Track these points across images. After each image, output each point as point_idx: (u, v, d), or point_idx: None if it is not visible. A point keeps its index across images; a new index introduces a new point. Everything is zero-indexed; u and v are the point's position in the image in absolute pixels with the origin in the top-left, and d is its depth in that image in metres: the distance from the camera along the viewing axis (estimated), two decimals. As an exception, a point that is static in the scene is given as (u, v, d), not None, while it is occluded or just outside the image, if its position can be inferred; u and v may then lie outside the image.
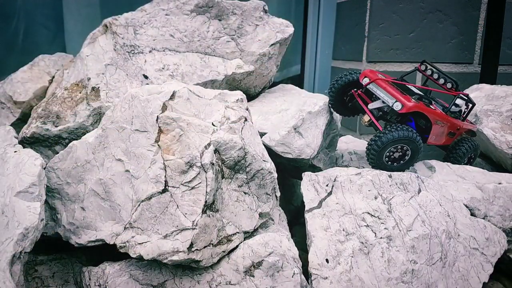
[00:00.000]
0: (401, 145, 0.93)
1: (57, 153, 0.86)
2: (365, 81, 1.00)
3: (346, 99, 1.08)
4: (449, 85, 1.04)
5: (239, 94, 0.88)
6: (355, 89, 1.05)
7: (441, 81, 1.06)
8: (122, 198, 0.79)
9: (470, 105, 1.07)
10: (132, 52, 1.03)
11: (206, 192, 0.75)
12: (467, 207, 0.95)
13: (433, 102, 1.03)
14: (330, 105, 1.09)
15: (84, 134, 0.92)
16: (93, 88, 0.99)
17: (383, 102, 0.97)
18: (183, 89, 0.81)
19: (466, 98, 1.04)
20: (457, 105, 1.02)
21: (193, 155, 0.75)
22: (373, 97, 1.01)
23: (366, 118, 1.01)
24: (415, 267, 0.82)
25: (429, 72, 1.08)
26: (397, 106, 0.92)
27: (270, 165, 0.85)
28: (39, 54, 1.19)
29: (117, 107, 0.83)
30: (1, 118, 1.10)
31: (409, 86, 1.04)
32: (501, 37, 1.51)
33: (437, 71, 1.07)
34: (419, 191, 0.93)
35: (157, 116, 0.78)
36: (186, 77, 1.03)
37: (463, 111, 1.09)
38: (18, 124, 1.08)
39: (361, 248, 0.82)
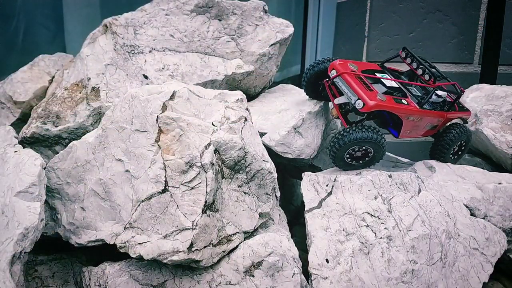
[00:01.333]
0: (363, 146, 0.91)
1: (57, 153, 0.86)
2: (332, 74, 0.94)
3: (320, 88, 1.03)
4: (426, 77, 0.99)
5: (239, 94, 0.88)
6: (327, 79, 0.98)
7: (420, 71, 1.00)
8: (122, 198, 0.79)
9: (457, 95, 1.02)
10: (132, 52, 1.03)
11: (206, 192, 0.75)
12: (467, 207, 0.95)
13: (408, 95, 0.96)
14: (304, 90, 1.05)
15: (84, 134, 0.92)
16: (93, 88, 0.99)
17: (348, 98, 0.92)
18: (183, 89, 0.81)
19: (451, 90, 0.98)
20: (439, 96, 0.97)
21: (193, 155, 0.75)
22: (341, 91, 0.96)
23: (334, 112, 0.97)
24: (415, 267, 0.82)
25: (409, 60, 1.02)
26: (359, 104, 0.88)
27: (270, 165, 0.85)
28: (39, 54, 1.19)
29: (117, 107, 0.83)
30: (1, 118, 1.10)
31: (383, 80, 0.98)
32: (501, 37, 1.51)
33: (416, 60, 1.00)
34: (419, 191, 0.93)
35: (157, 116, 0.78)
36: (186, 77, 1.03)
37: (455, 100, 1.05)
38: (18, 124, 1.08)
39: (361, 248, 0.82)
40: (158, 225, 0.75)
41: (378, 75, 0.98)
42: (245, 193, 0.83)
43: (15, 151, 0.80)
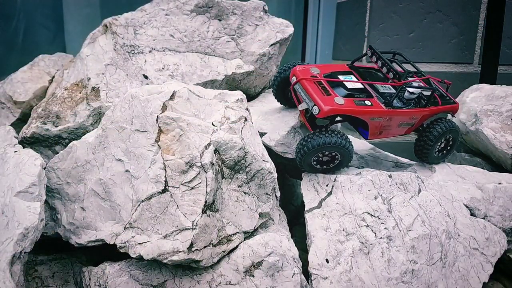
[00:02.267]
0: (329, 151, 0.89)
1: (57, 153, 0.86)
2: (293, 80, 0.92)
3: (289, 95, 1.02)
4: (391, 75, 0.95)
5: (239, 94, 0.88)
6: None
7: (384, 70, 0.96)
8: (122, 198, 0.79)
9: (435, 89, 0.97)
10: (132, 52, 1.03)
11: (206, 192, 0.75)
12: (467, 207, 0.95)
13: (374, 95, 0.92)
14: (274, 96, 1.04)
15: (84, 134, 0.92)
16: (93, 88, 0.99)
17: (306, 104, 0.89)
18: (183, 89, 0.81)
19: (422, 86, 0.94)
20: (411, 93, 0.93)
21: (193, 155, 0.75)
22: None
23: (301, 118, 0.96)
24: (415, 267, 0.82)
25: (374, 59, 0.98)
26: (315, 111, 0.86)
27: (270, 165, 0.85)
28: (39, 54, 1.19)
29: (117, 107, 0.83)
30: (1, 118, 1.10)
31: (345, 82, 0.94)
32: (501, 37, 1.51)
33: (381, 58, 0.96)
34: (419, 191, 0.93)
35: (157, 116, 0.78)
36: (186, 77, 1.03)
37: (441, 93, 1.01)
38: (18, 124, 1.08)
39: (361, 248, 0.82)
40: (158, 225, 0.75)
41: (341, 77, 0.95)
42: (245, 193, 0.83)
43: (15, 151, 0.80)
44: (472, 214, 0.94)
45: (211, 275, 0.77)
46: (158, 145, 0.77)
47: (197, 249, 0.73)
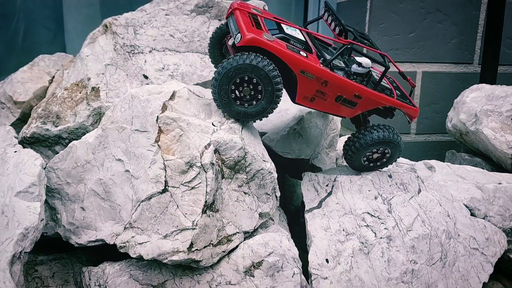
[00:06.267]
0: (247, 76, 0.74)
1: (57, 153, 0.86)
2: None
3: (224, 51, 0.92)
4: (337, 30, 0.82)
5: (239, 94, 0.87)
6: (228, 36, 0.88)
7: (332, 25, 0.83)
8: (122, 198, 0.79)
9: (384, 68, 0.81)
10: (132, 52, 1.03)
11: (206, 192, 0.75)
12: (467, 207, 0.95)
13: (314, 52, 0.80)
14: (211, 61, 0.94)
15: (84, 134, 0.92)
16: (93, 88, 0.99)
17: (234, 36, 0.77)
18: (183, 89, 0.81)
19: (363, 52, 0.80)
20: (360, 65, 0.80)
21: (193, 155, 0.75)
22: None
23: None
24: (415, 267, 0.82)
25: (326, 16, 0.87)
26: (237, 39, 0.73)
27: (270, 165, 0.85)
28: (39, 54, 1.19)
29: (117, 107, 0.83)
30: (1, 118, 1.10)
31: (284, 27, 0.82)
32: (501, 37, 1.52)
33: (331, 13, 0.84)
34: (419, 191, 0.93)
35: (157, 116, 0.78)
36: (186, 77, 1.03)
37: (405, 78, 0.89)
38: (18, 124, 1.08)
39: (361, 248, 0.82)
40: (158, 225, 0.75)
41: (284, 26, 0.82)
42: (245, 193, 0.83)
43: (15, 151, 0.80)
44: (472, 214, 0.94)
45: (211, 275, 0.77)
46: (158, 145, 0.77)
47: (197, 249, 0.73)
